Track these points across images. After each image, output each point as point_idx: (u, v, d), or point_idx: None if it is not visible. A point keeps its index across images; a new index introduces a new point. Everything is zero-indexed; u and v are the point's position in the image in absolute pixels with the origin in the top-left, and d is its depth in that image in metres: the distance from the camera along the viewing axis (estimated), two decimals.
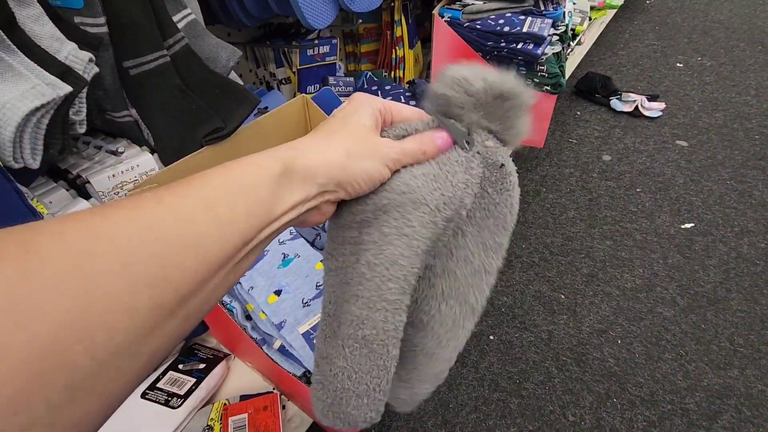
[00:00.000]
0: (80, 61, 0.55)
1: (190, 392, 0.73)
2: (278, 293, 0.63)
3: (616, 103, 1.90)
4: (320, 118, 0.86)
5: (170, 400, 0.72)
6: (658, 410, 0.98)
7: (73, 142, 0.70)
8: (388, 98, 1.07)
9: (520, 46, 1.17)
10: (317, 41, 1.09)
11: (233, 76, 0.81)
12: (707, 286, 1.23)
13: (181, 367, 0.78)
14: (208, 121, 0.70)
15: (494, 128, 0.32)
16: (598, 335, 1.12)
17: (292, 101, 0.84)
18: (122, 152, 0.65)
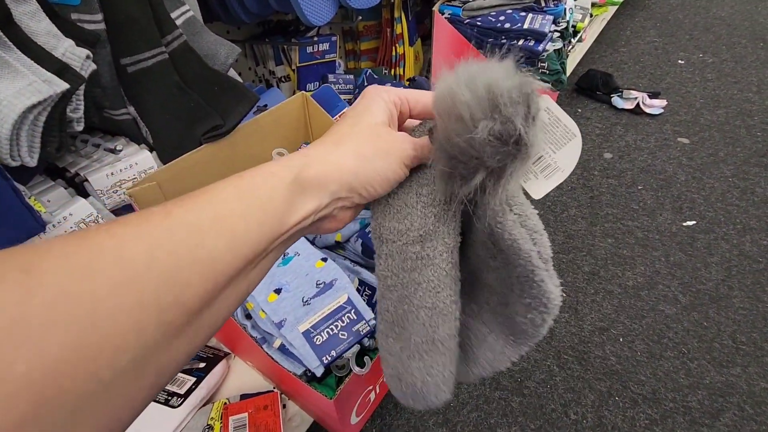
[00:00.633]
0: (77, 58, 0.54)
1: (190, 391, 0.73)
2: (278, 292, 0.63)
3: (617, 100, 1.89)
4: (320, 115, 0.85)
5: (170, 399, 0.71)
6: (660, 408, 0.98)
7: (71, 140, 0.69)
8: None
9: (521, 42, 1.17)
10: (317, 38, 1.08)
11: (232, 74, 0.81)
12: (709, 283, 1.22)
13: None
14: (206, 118, 0.69)
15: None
16: (599, 333, 1.11)
17: (291, 99, 0.83)
18: (120, 150, 0.64)
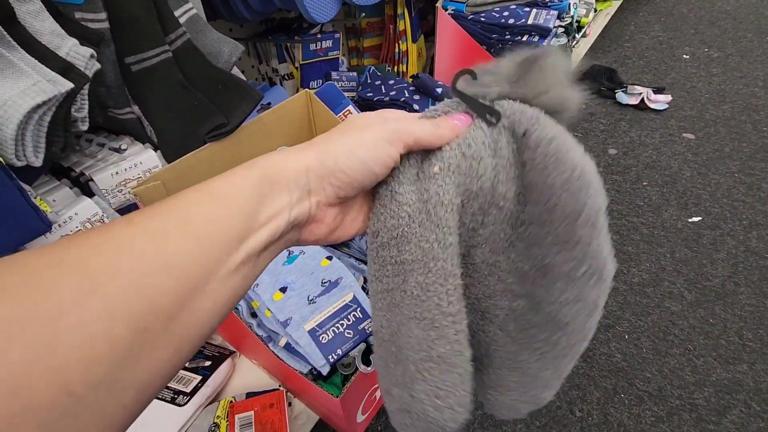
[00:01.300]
0: (81, 57, 0.54)
1: (196, 390, 0.73)
2: (283, 290, 0.63)
3: (621, 95, 1.88)
4: (323, 113, 0.85)
5: (176, 397, 0.72)
6: (666, 405, 0.97)
7: (75, 139, 0.69)
8: (392, 93, 1.06)
9: (525, 38, 1.16)
10: (320, 36, 1.08)
11: (235, 72, 0.81)
12: (715, 280, 1.22)
13: (186, 364, 0.77)
14: (210, 117, 0.69)
15: (523, 93, 0.27)
16: (605, 330, 1.11)
17: (295, 97, 0.83)
18: (125, 149, 0.64)
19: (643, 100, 1.84)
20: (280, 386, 0.75)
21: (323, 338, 0.59)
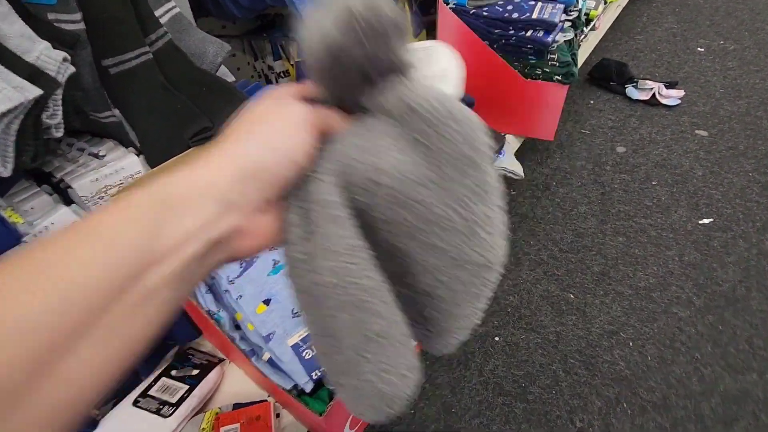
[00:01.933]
0: (53, 61, 0.52)
1: (182, 400, 0.71)
2: (267, 302, 0.61)
3: (631, 91, 1.82)
4: None
5: (161, 408, 0.70)
6: (670, 416, 0.94)
7: (56, 144, 0.67)
8: None
9: (529, 33, 1.12)
10: None
11: (225, 71, 0.78)
12: (725, 285, 1.17)
13: (174, 373, 0.76)
14: (195, 120, 0.67)
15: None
16: (608, 337, 1.07)
17: None
18: (104, 156, 0.62)
19: (654, 95, 1.78)
20: (268, 397, 0.73)
21: (307, 354, 0.57)
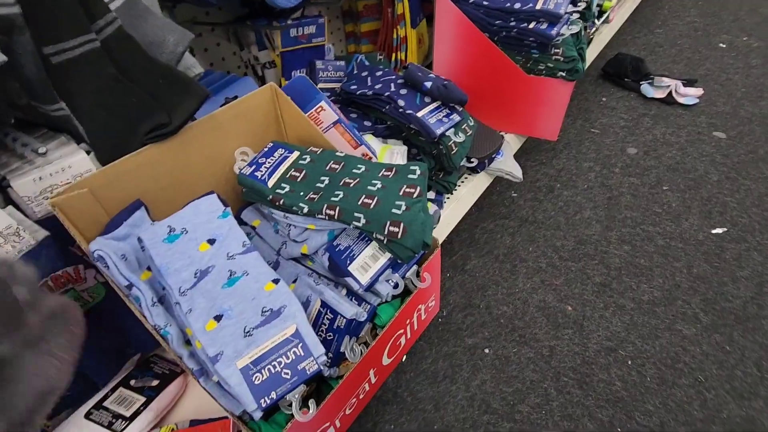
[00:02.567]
0: None
1: (137, 414, 0.67)
2: (218, 318, 0.55)
3: (646, 88, 1.72)
4: (291, 110, 0.76)
5: (114, 422, 0.65)
6: None
7: (3, 137, 0.63)
8: (377, 86, 0.96)
9: (532, 25, 1.04)
10: (299, 20, 0.98)
11: (191, 62, 0.72)
12: (736, 301, 1.09)
13: (132, 383, 0.71)
14: (150, 115, 0.61)
15: None
16: (605, 354, 1.00)
17: (257, 91, 0.74)
18: (44, 153, 0.57)
19: (670, 93, 1.68)
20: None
21: (257, 378, 0.51)
